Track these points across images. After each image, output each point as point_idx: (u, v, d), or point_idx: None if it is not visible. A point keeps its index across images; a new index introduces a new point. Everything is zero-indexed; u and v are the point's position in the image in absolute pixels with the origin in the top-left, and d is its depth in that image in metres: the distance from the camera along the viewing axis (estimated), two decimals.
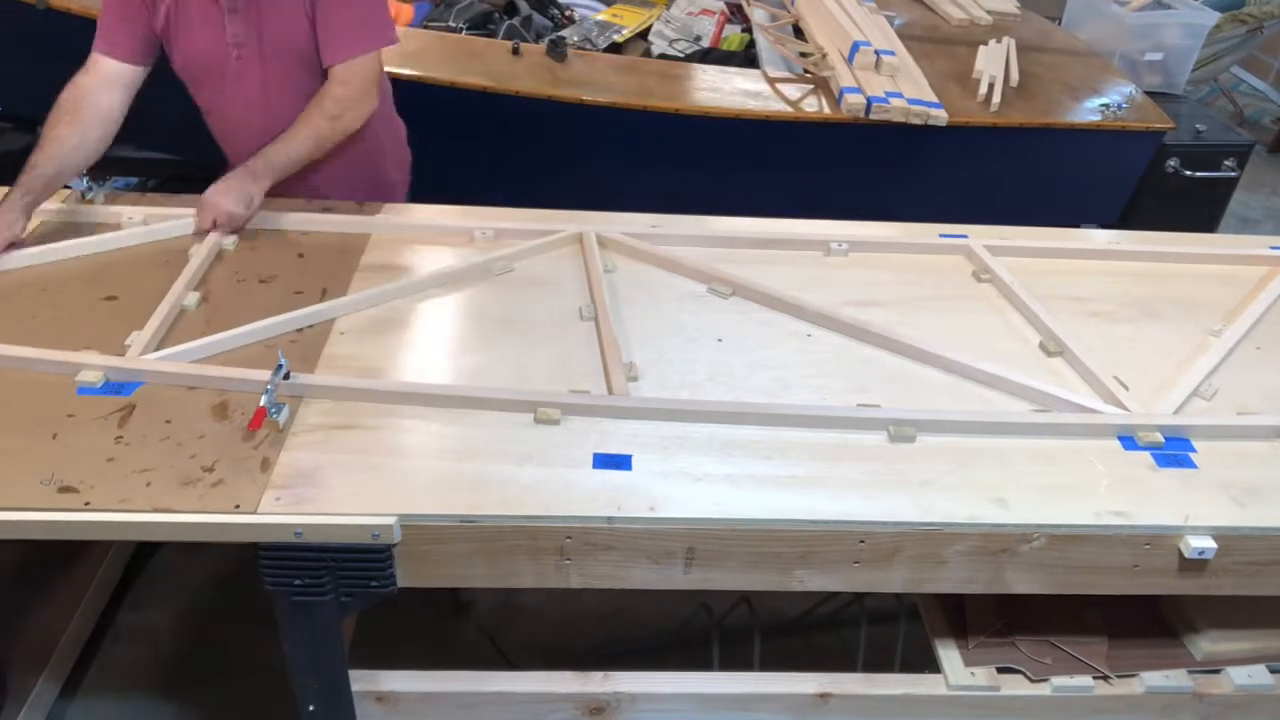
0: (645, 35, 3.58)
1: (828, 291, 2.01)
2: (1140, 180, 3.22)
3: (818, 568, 1.51)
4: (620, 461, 1.54)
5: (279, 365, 1.59)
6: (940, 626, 1.75)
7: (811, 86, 3.11)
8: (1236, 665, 1.73)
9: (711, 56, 3.47)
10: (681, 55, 3.47)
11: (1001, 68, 3.24)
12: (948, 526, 1.48)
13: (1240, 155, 3.24)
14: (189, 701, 2.22)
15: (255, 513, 1.41)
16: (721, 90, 3.05)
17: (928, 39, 3.54)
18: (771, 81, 3.14)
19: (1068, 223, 2.81)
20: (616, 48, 3.45)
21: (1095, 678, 1.69)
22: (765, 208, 2.34)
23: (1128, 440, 1.66)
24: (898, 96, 2.92)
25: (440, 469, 1.51)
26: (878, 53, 3.07)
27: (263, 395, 1.53)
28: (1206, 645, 1.73)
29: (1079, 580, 1.55)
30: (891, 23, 3.55)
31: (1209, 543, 1.48)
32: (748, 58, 3.44)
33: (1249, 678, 1.72)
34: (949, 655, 1.71)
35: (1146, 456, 1.63)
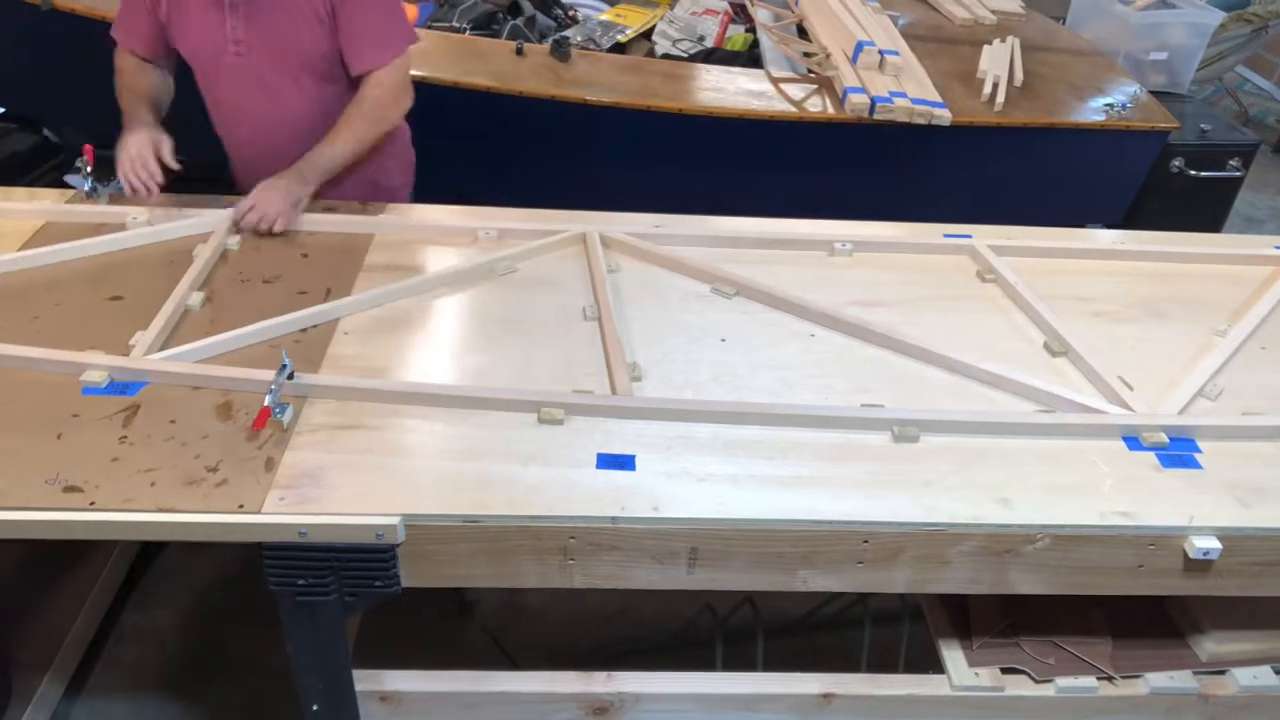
0: (649, 35, 3.58)
1: (831, 291, 2.01)
2: (1145, 180, 3.21)
3: (821, 568, 1.51)
4: (624, 461, 1.54)
5: (283, 365, 1.59)
6: (944, 627, 1.75)
7: (815, 86, 3.11)
8: (1242, 666, 1.72)
9: (715, 56, 3.47)
10: (685, 55, 3.47)
11: (1006, 67, 3.23)
12: (952, 527, 1.48)
13: (1245, 155, 3.24)
14: (193, 701, 2.22)
15: (259, 513, 1.41)
16: (725, 90, 3.05)
17: (932, 38, 3.54)
18: (775, 81, 3.14)
19: (1072, 223, 2.80)
20: (620, 48, 3.45)
21: (1100, 678, 1.69)
22: (769, 208, 2.34)
23: (1132, 440, 1.65)
24: (902, 96, 2.92)
25: (444, 469, 1.51)
26: (882, 52, 3.07)
27: (267, 395, 1.54)
28: (1211, 646, 1.72)
29: (1083, 581, 1.54)
30: (895, 22, 3.55)
31: (1214, 543, 1.48)
32: (751, 58, 3.44)
33: (1254, 679, 1.71)
34: (953, 656, 1.71)
35: (1151, 457, 1.63)
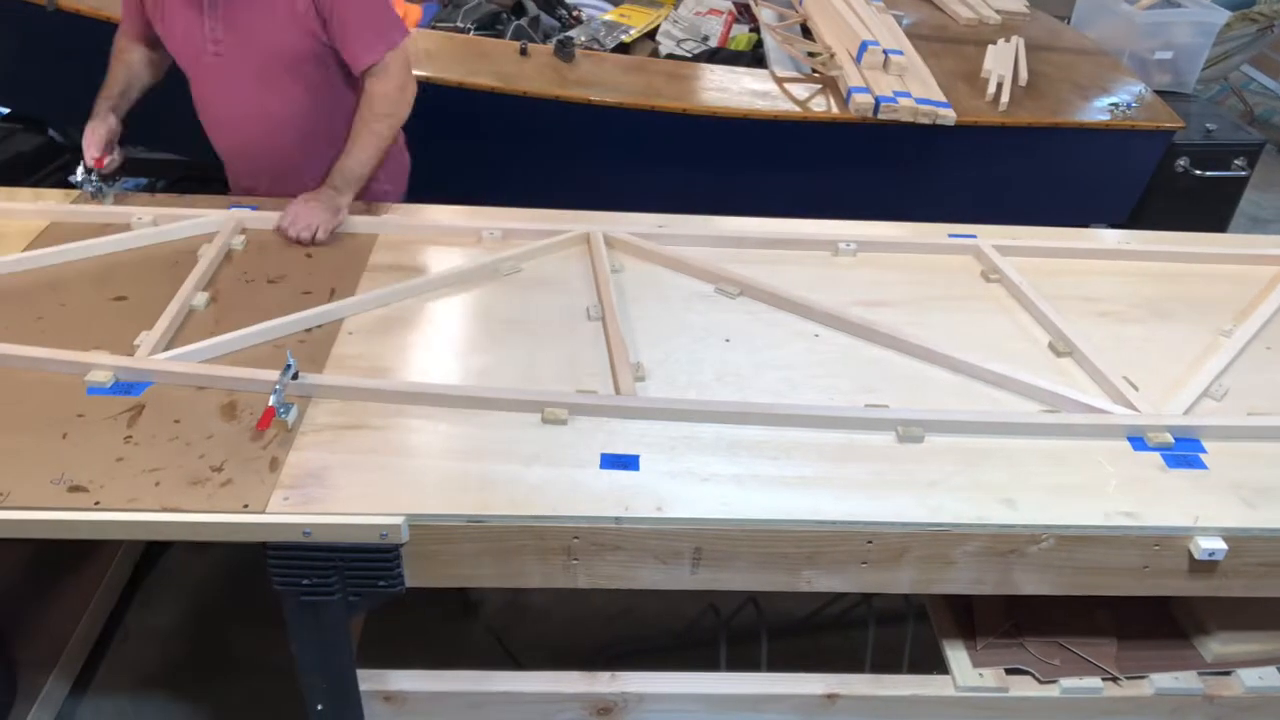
0: (653, 35, 3.57)
1: (836, 291, 2.01)
2: (1150, 180, 3.20)
3: (825, 568, 1.51)
4: (627, 461, 1.54)
5: (287, 365, 1.59)
6: (948, 627, 1.75)
7: (819, 86, 3.11)
8: (1247, 667, 1.72)
9: (719, 56, 3.46)
10: (689, 55, 3.46)
11: (1010, 67, 3.22)
12: (956, 527, 1.48)
13: (1251, 154, 3.23)
14: (197, 700, 2.22)
15: (264, 512, 1.41)
16: (729, 90, 3.05)
17: (936, 38, 3.53)
18: (779, 81, 3.13)
19: (1077, 222, 2.80)
20: (624, 48, 3.45)
21: (1104, 679, 1.68)
22: (773, 208, 2.33)
23: (1137, 441, 1.65)
24: (906, 96, 2.91)
25: (448, 469, 1.51)
26: (886, 52, 3.06)
27: (271, 395, 1.54)
28: (1217, 647, 1.72)
29: (1088, 581, 1.54)
30: (900, 22, 3.54)
31: (1219, 544, 1.48)
32: (755, 57, 3.43)
33: (1260, 679, 1.71)
34: (957, 656, 1.70)
35: (1156, 457, 1.62)
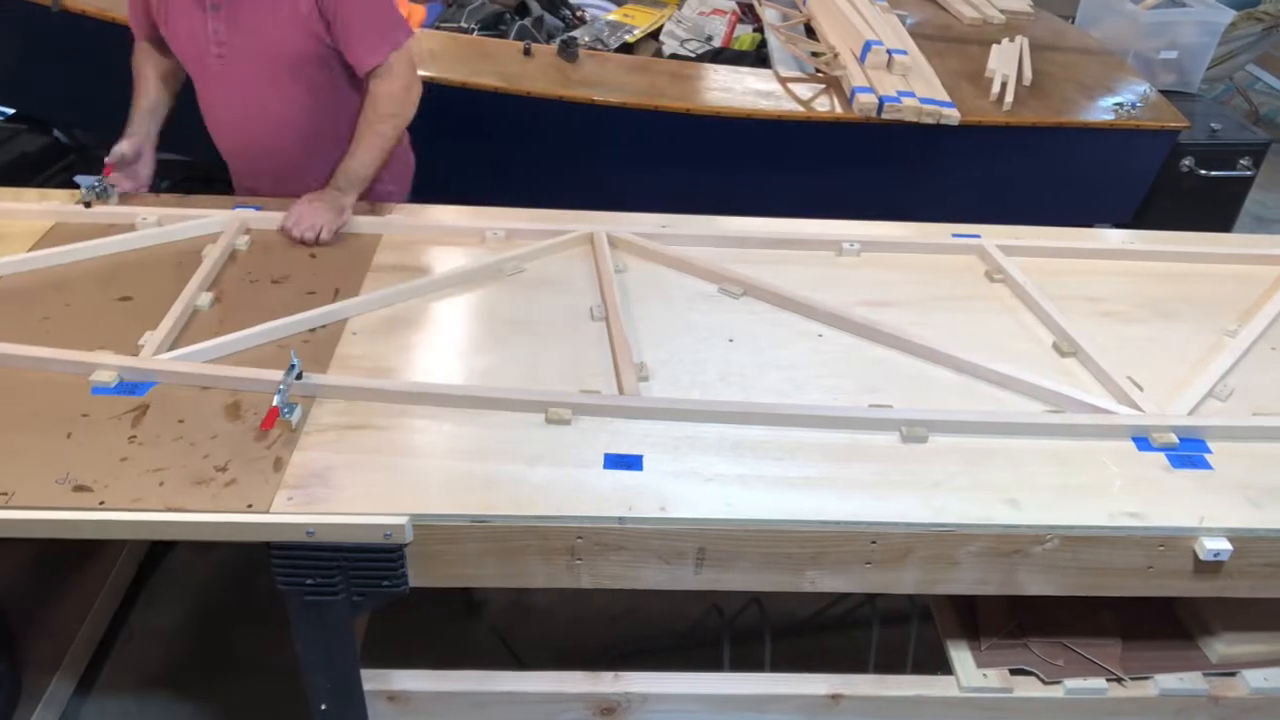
0: (656, 35, 3.57)
1: (839, 291, 2.00)
2: (1155, 179, 3.19)
3: (829, 568, 1.50)
4: (631, 462, 1.54)
5: (291, 365, 1.60)
6: (952, 628, 1.74)
7: (823, 86, 3.11)
8: (1252, 668, 1.71)
9: (723, 56, 3.46)
10: (693, 55, 3.46)
11: (1014, 66, 3.22)
12: (960, 527, 1.47)
13: (1256, 154, 3.22)
14: (202, 700, 2.23)
15: (268, 512, 1.42)
16: (733, 90, 3.04)
17: (940, 38, 3.53)
18: (783, 81, 3.13)
19: (1081, 222, 2.80)
20: (628, 48, 3.45)
21: (1109, 680, 1.68)
22: (777, 208, 2.33)
23: (1142, 441, 1.65)
24: (910, 96, 2.91)
25: (452, 469, 1.51)
26: (890, 52, 3.06)
27: (275, 395, 1.54)
28: (1222, 648, 1.71)
29: (1092, 582, 1.54)
30: (904, 22, 3.54)
31: (1224, 544, 1.47)
32: (759, 57, 3.43)
33: (1265, 680, 1.70)
34: (961, 657, 1.70)
35: (1161, 457, 1.62)
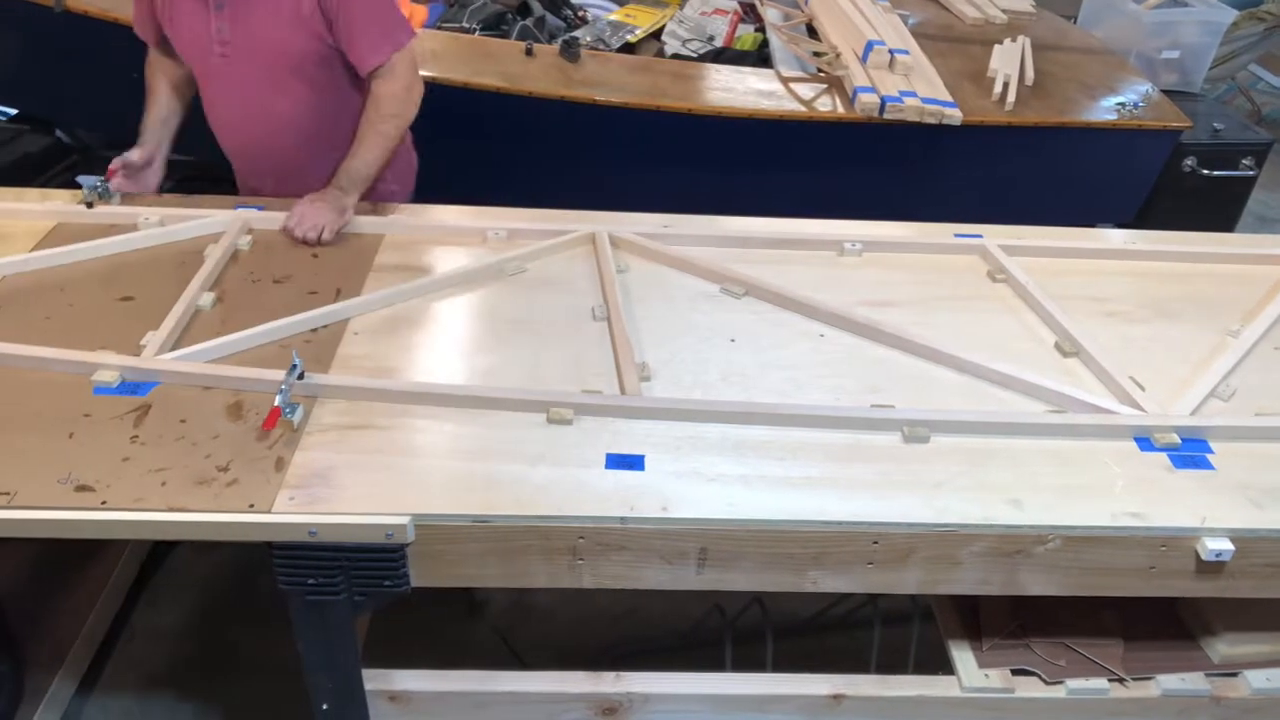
0: (658, 35, 3.57)
1: (841, 291, 2.00)
2: (1157, 179, 3.19)
3: (831, 569, 1.50)
4: (633, 462, 1.54)
5: (293, 365, 1.60)
6: (954, 628, 1.74)
7: (825, 86, 3.10)
8: (1254, 668, 1.71)
9: (725, 56, 3.46)
10: (695, 55, 3.46)
11: (1017, 66, 3.22)
12: (962, 528, 1.47)
13: (1258, 154, 3.21)
14: (203, 700, 2.23)
15: (269, 512, 1.42)
16: (735, 90, 3.04)
17: (942, 38, 3.52)
18: (785, 81, 3.13)
19: (1083, 222, 2.79)
20: (629, 48, 3.45)
21: (1110, 680, 1.68)
22: (778, 208, 2.33)
23: (1144, 441, 1.65)
24: (912, 96, 2.91)
25: (454, 469, 1.51)
26: (892, 52, 3.06)
27: (277, 395, 1.54)
28: (1224, 648, 1.71)
29: (1094, 582, 1.54)
30: (906, 21, 3.54)
31: (1226, 545, 1.47)
32: (761, 57, 3.43)
33: (1267, 681, 1.70)
34: (963, 657, 1.70)
35: (1163, 458, 1.62)
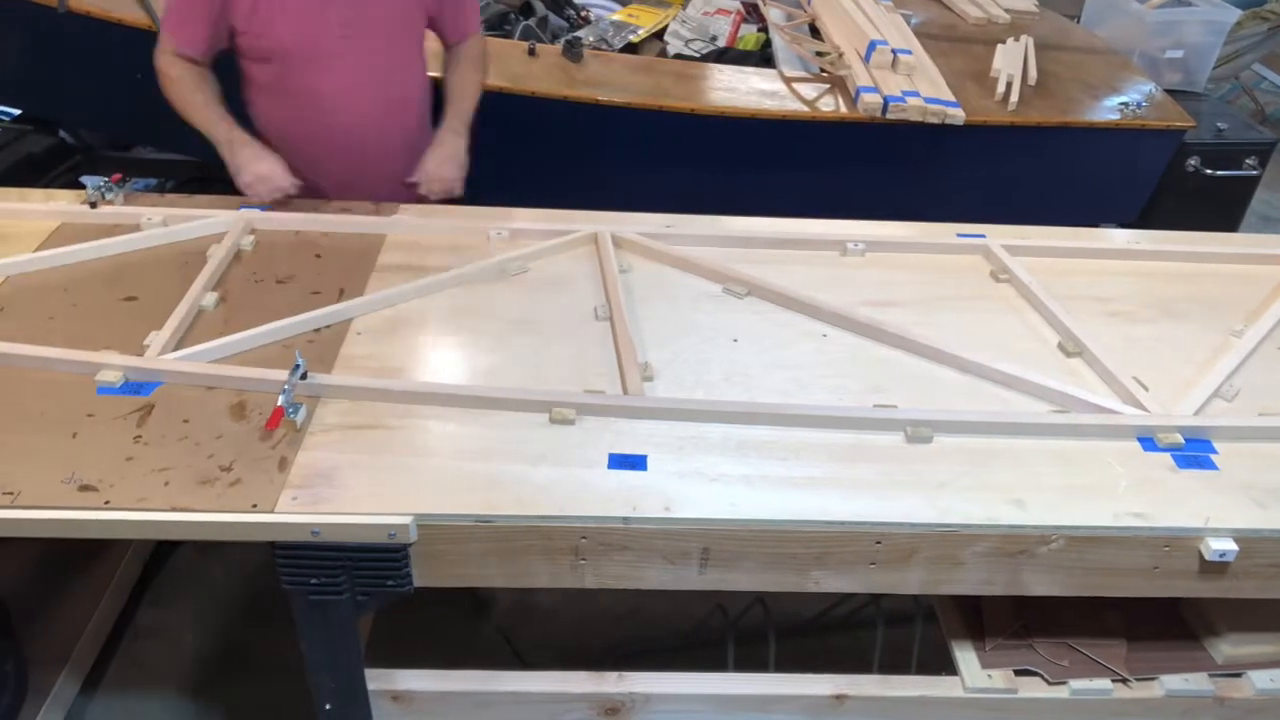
0: (661, 35, 3.57)
1: (844, 291, 2.00)
2: (1160, 179, 3.18)
3: (834, 569, 1.50)
4: (635, 461, 1.54)
5: (296, 365, 1.60)
6: (957, 628, 1.74)
7: (828, 86, 3.10)
8: (1258, 669, 1.71)
9: (727, 56, 3.46)
10: (697, 55, 3.46)
11: (1020, 66, 3.21)
12: (965, 528, 1.47)
13: (1262, 154, 3.20)
14: (207, 699, 2.23)
15: (272, 512, 1.42)
16: (737, 90, 3.04)
17: (945, 37, 3.52)
18: (788, 81, 3.13)
19: (1087, 222, 2.79)
20: (632, 48, 3.45)
21: (1114, 680, 1.68)
22: (781, 208, 2.33)
23: (1147, 441, 1.64)
24: (915, 95, 2.91)
25: (456, 469, 1.51)
26: (894, 51, 3.06)
27: (280, 395, 1.54)
28: (1227, 648, 1.71)
29: (1097, 582, 1.54)
30: (908, 21, 3.53)
31: (1230, 545, 1.47)
32: (764, 57, 3.43)
33: (1271, 682, 1.70)
34: (966, 657, 1.70)
35: (1166, 458, 1.62)
